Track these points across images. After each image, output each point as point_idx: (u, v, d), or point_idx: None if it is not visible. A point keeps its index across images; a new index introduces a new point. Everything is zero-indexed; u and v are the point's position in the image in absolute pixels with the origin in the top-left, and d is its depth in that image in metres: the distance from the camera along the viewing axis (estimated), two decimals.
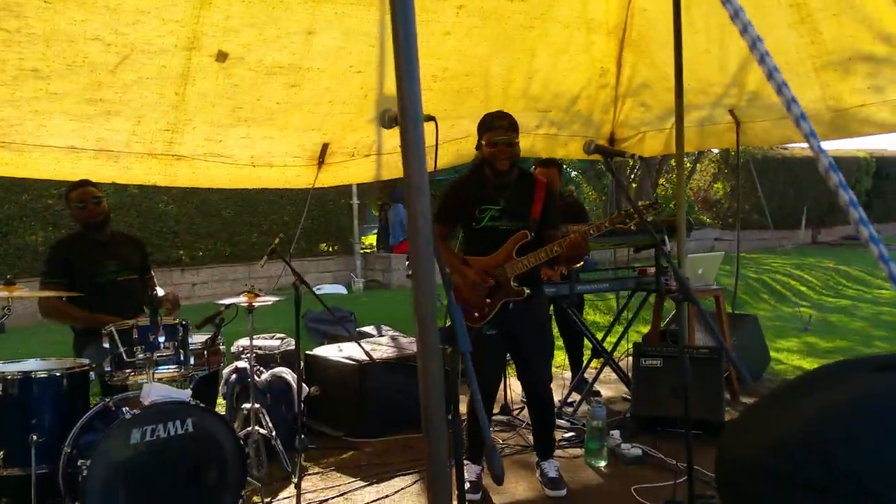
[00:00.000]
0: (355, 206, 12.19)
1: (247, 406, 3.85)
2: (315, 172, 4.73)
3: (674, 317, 5.69)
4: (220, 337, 3.83)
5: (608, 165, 3.24)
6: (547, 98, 5.05)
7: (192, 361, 3.34)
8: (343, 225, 12.31)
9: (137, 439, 2.75)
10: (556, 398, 4.10)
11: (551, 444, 3.78)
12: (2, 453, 2.82)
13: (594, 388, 5.21)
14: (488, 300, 3.47)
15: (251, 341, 3.87)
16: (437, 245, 1.68)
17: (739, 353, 5.30)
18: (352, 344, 4.91)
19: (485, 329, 3.46)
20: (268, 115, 4.08)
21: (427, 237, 1.52)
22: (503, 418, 4.79)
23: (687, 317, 4.74)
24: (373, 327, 6.29)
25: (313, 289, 4.08)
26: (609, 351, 5.08)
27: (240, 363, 4.38)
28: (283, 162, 4.58)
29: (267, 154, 4.44)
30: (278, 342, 4.90)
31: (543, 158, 5.34)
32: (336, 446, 4.39)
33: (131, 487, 2.72)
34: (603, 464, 3.95)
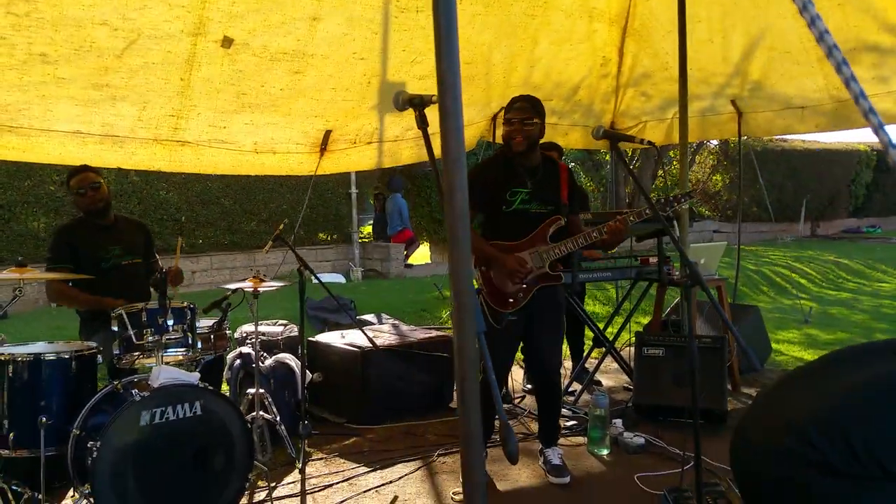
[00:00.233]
0: (354, 195, 12.18)
1: (251, 391, 3.86)
2: (317, 159, 4.72)
3: (674, 307, 5.72)
4: (226, 321, 3.84)
5: (618, 153, 3.23)
6: (548, 87, 5.04)
7: (199, 345, 3.36)
8: (342, 214, 12.31)
9: (146, 421, 2.77)
10: None
11: (556, 431, 3.80)
12: (11, 435, 2.83)
13: (595, 378, 5.25)
14: (524, 286, 3.44)
15: (256, 327, 3.89)
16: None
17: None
18: (354, 331, 4.93)
19: (508, 314, 3.43)
20: (271, 102, 4.08)
21: (464, 209, 1.48)
22: (505, 406, 4.82)
23: (690, 305, 4.75)
24: (373, 315, 6.31)
25: (315, 276, 4.09)
26: (610, 341, 5.12)
27: (244, 349, 4.40)
28: (286, 149, 4.57)
29: (270, 140, 4.44)
30: (281, 328, 4.91)
31: (544, 142, 5.33)
32: (339, 432, 4.42)
33: (140, 469, 2.74)
34: (606, 452, 3.98)
